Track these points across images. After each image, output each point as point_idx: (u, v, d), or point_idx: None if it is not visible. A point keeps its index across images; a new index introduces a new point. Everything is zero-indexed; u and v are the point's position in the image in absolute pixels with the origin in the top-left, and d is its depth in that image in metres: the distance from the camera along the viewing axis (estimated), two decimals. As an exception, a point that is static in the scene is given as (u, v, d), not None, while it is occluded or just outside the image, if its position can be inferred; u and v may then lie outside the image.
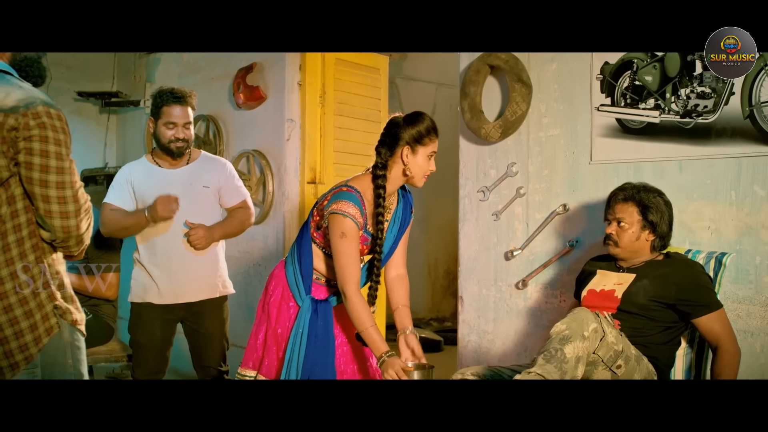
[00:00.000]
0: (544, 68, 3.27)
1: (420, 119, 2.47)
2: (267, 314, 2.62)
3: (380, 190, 2.48)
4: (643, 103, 2.95)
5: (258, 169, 4.55)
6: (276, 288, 2.62)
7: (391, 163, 2.50)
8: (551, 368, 2.22)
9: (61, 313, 1.94)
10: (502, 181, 3.42)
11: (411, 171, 2.48)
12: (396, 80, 7.65)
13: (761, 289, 2.67)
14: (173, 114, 3.11)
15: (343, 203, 2.43)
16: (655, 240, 2.62)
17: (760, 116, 2.65)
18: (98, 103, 5.77)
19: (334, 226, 2.43)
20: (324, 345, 2.51)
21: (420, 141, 2.46)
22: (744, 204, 2.71)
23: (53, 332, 1.92)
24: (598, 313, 2.41)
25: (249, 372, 2.64)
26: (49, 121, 1.83)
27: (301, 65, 4.43)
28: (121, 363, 3.96)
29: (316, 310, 2.52)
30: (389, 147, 2.49)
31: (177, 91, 3.15)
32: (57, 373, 1.94)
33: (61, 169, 1.85)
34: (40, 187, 1.84)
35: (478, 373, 2.64)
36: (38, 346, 1.90)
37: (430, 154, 2.49)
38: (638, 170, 2.96)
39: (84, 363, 2.03)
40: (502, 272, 3.44)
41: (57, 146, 1.84)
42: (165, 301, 3.17)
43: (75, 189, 1.88)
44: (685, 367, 2.68)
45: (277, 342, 2.58)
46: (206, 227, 3.11)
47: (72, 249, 1.96)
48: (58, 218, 1.87)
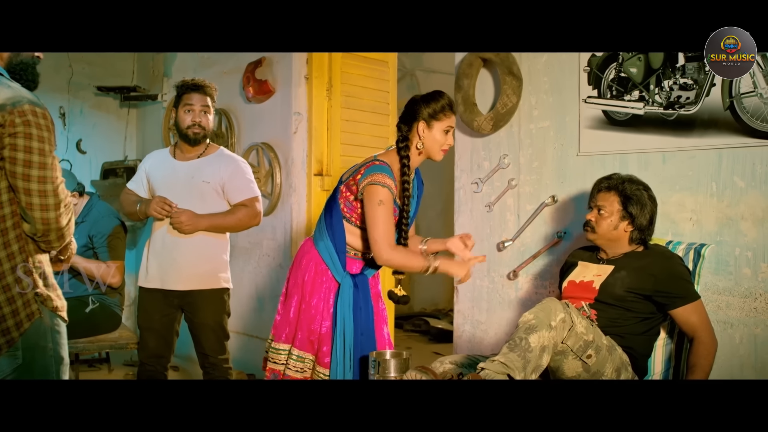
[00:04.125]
0: (534, 61, 3.29)
1: (436, 97, 2.67)
2: (300, 288, 2.73)
3: (405, 160, 2.68)
4: (628, 95, 2.96)
5: (267, 161, 4.64)
6: (309, 263, 2.74)
7: (411, 137, 2.68)
8: (514, 357, 2.27)
9: (42, 300, 2.05)
10: (494, 172, 3.45)
11: (426, 144, 2.66)
12: (416, 72, 7.69)
13: (740, 280, 2.67)
14: (191, 98, 3.27)
15: (379, 175, 2.60)
16: (634, 232, 2.64)
17: (740, 108, 2.64)
18: (118, 97, 5.91)
19: (372, 196, 2.59)
20: (366, 315, 2.70)
21: (435, 116, 2.64)
22: (724, 195, 2.71)
23: (34, 318, 2.03)
24: (567, 303, 2.44)
25: (283, 346, 2.74)
26: (33, 119, 1.93)
27: (308, 59, 4.50)
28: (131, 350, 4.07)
29: (356, 285, 2.69)
30: (408, 123, 2.69)
31: (197, 81, 3.32)
32: (38, 356, 2.05)
33: (43, 164, 1.95)
34: (22, 181, 1.94)
35: (457, 362, 2.69)
36: (19, 331, 2.01)
37: (447, 128, 2.67)
38: (623, 162, 2.97)
39: (65, 347, 2.14)
40: (494, 263, 3.48)
41: (40, 143, 1.94)
42: (152, 285, 3.30)
43: (56, 184, 1.99)
44: (665, 357, 2.70)
45: (311, 314, 2.70)
46: (192, 213, 3.20)
47: (53, 243, 2.06)
48: (38, 210, 1.97)
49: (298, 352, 2.70)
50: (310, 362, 2.69)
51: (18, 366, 2.01)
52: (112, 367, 5.27)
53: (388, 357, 2.55)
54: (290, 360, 2.69)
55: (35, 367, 2.05)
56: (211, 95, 3.32)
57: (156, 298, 3.31)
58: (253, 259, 4.80)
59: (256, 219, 3.36)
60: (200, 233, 3.25)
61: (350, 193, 2.68)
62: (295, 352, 2.71)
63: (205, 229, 3.25)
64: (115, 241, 3.82)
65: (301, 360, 2.69)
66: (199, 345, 3.38)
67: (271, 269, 4.65)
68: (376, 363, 2.49)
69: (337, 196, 2.73)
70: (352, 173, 2.69)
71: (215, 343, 3.35)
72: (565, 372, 2.43)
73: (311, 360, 2.69)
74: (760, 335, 2.63)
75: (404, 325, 6.91)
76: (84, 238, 3.80)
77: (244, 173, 3.36)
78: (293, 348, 2.71)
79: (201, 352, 3.39)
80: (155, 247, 3.31)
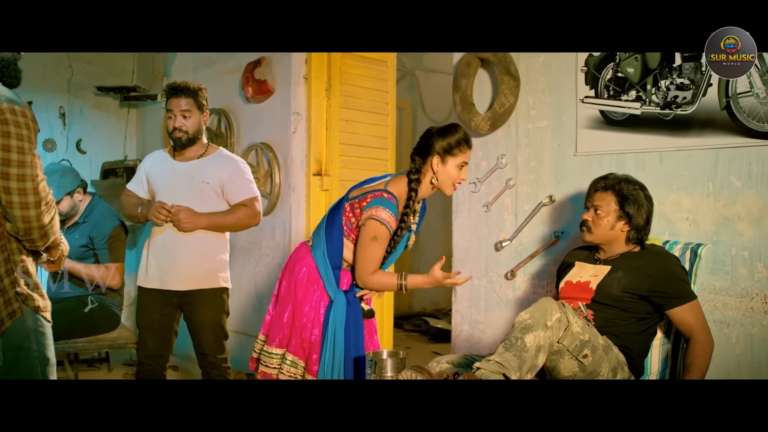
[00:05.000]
0: (532, 60, 3.30)
1: (452, 131, 2.66)
2: (293, 295, 2.75)
3: (412, 192, 2.69)
4: (625, 95, 2.96)
5: (266, 161, 4.64)
6: (302, 270, 2.75)
7: (424, 170, 2.68)
8: (510, 356, 2.27)
9: (23, 299, 2.04)
10: (492, 172, 3.46)
11: (439, 179, 2.67)
12: (416, 72, 7.69)
13: (737, 280, 2.67)
14: (172, 103, 3.26)
15: (382, 210, 2.62)
16: (631, 231, 2.64)
17: (737, 108, 2.64)
18: (118, 97, 5.92)
19: (369, 230, 2.62)
20: (356, 329, 2.73)
21: (450, 152, 2.64)
22: (721, 195, 2.71)
23: (16, 317, 2.02)
24: (564, 303, 2.44)
25: (276, 350, 2.76)
26: (12, 117, 1.93)
27: (308, 59, 4.50)
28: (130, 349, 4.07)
29: (349, 302, 2.73)
30: (422, 155, 2.69)
31: (177, 84, 3.28)
32: (21, 358, 2.05)
33: (22, 162, 1.94)
34: (1, 180, 1.93)
35: (453, 361, 2.70)
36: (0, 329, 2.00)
37: (461, 164, 2.67)
38: (620, 162, 2.98)
39: (50, 347, 2.13)
40: (492, 263, 3.48)
41: (19, 141, 1.93)
42: (151, 285, 3.31)
43: (36, 182, 1.97)
44: (661, 357, 2.70)
45: (303, 323, 2.71)
46: (191, 210, 3.20)
47: (37, 242, 2.05)
48: (18, 209, 1.96)
49: (292, 357, 2.72)
50: (301, 369, 2.72)
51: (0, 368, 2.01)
52: (112, 367, 5.28)
53: (384, 356, 2.55)
54: (284, 365, 2.71)
55: (19, 369, 2.04)
56: (194, 97, 3.26)
57: (155, 298, 3.32)
58: (252, 258, 4.81)
59: (256, 219, 3.36)
60: (200, 233, 3.26)
61: (353, 216, 2.70)
62: (290, 357, 2.72)
63: (205, 227, 3.25)
64: (116, 242, 3.83)
65: (295, 366, 2.71)
66: (198, 344, 3.38)
67: (270, 269, 4.66)
68: (372, 362, 2.50)
69: (341, 211, 2.74)
70: (359, 196, 2.70)
71: (214, 342, 3.36)
72: (561, 372, 2.43)
73: (302, 366, 2.72)
74: (757, 335, 2.63)
75: (404, 325, 6.91)
76: (85, 239, 3.81)
77: (244, 173, 3.36)
78: (287, 353, 2.73)
79: (200, 352, 3.39)
80: (155, 247, 3.31)
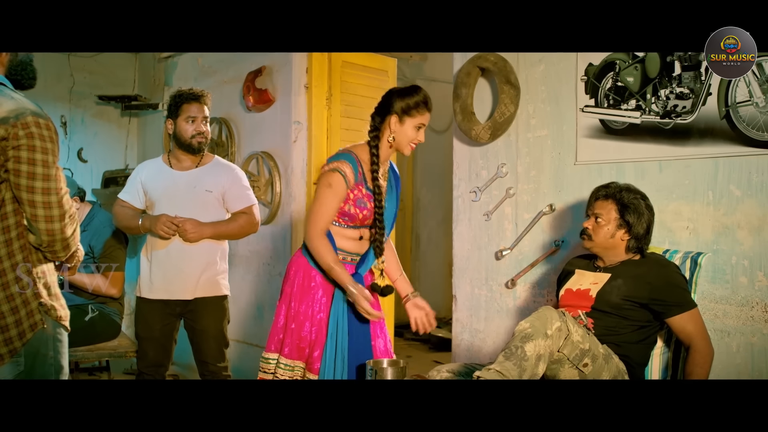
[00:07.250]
0: (532, 70, 3.31)
1: (412, 93, 2.65)
2: (288, 297, 2.75)
3: (374, 150, 2.69)
4: (625, 104, 2.97)
5: (266, 170, 4.65)
6: (297, 272, 2.75)
7: (383, 128, 2.69)
8: (510, 365, 2.27)
9: (46, 310, 2.07)
10: (492, 181, 3.46)
11: (396, 138, 2.67)
12: (417, 81, 7.71)
13: (737, 288, 2.67)
14: (192, 109, 3.29)
15: (338, 162, 2.65)
16: (631, 240, 2.64)
17: (736, 117, 2.65)
18: (119, 106, 5.93)
19: (324, 179, 2.64)
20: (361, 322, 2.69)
21: (408, 112, 2.64)
22: (720, 204, 2.71)
23: (37, 328, 2.05)
24: (564, 312, 2.44)
25: (271, 355, 2.76)
26: (37, 131, 1.95)
27: (308, 68, 4.51)
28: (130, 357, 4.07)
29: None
30: (381, 114, 2.69)
31: (195, 91, 3.34)
32: (38, 364, 2.07)
33: (47, 176, 1.97)
34: (27, 193, 1.96)
35: (454, 370, 2.70)
36: (22, 341, 2.03)
37: (419, 125, 2.66)
38: (620, 171, 2.98)
39: (65, 356, 2.16)
40: (492, 272, 3.48)
41: (44, 155, 1.96)
42: (156, 296, 3.31)
43: (60, 195, 2.00)
44: (662, 366, 2.70)
45: (300, 321, 2.70)
46: (196, 221, 3.21)
47: (59, 254, 2.08)
48: (42, 222, 1.99)
49: (285, 360, 2.71)
50: (300, 370, 2.70)
51: (20, 372, 2.03)
52: (112, 376, 5.26)
53: (384, 365, 2.55)
54: (278, 369, 2.71)
55: (35, 374, 2.07)
56: (208, 105, 3.36)
57: (156, 308, 3.32)
58: (252, 267, 4.81)
59: (256, 226, 3.40)
60: (204, 241, 3.27)
61: None
62: (283, 360, 2.71)
63: (210, 236, 3.28)
64: (116, 251, 3.83)
65: (290, 368, 2.70)
66: (199, 352, 3.38)
67: (270, 277, 4.66)
68: (373, 371, 2.50)
69: None
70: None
71: (215, 350, 3.37)
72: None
73: (301, 368, 2.70)
74: (757, 344, 2.63)
75: (404, 334, 6.89)
76: (84, 248, 3.79)
77: (242, 181, 3.40)
78: (281, 357, 2.72)
79: (201, 360, 3.39)
80: (159, 258, 3.30)
